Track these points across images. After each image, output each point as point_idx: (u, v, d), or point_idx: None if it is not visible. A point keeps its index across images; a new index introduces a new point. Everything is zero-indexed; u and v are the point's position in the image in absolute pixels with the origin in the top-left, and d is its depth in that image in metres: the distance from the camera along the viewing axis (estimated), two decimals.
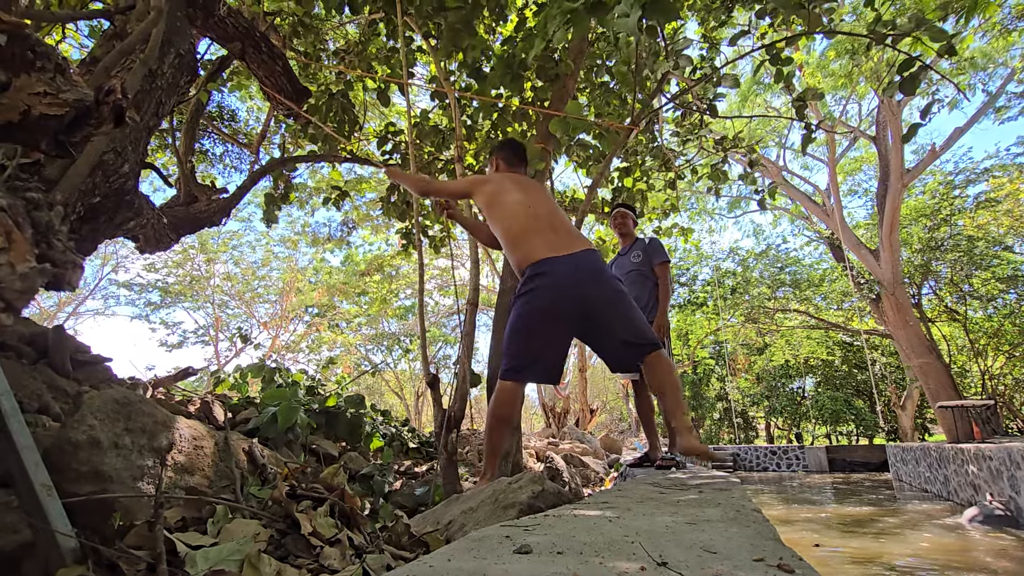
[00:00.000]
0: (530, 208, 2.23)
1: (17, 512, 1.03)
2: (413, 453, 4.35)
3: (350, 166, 9.26)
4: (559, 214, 2.27)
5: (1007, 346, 13.61)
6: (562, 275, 2.05)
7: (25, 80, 1.25)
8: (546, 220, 2.20)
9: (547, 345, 2.10)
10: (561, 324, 2.09)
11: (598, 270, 2.10)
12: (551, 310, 2.06)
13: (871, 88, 10.45)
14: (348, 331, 19.85)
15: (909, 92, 2.92)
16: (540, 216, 2.21)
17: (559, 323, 2.08)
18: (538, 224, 2.18)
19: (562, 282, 2.05)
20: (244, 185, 4.75)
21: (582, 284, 2.05)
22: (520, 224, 2.20)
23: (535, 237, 2.16)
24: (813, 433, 17.78)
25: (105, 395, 1.32)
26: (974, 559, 3.93)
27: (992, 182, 13.18)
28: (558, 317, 2.07)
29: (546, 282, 2.06)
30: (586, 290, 2.05)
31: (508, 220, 2.25)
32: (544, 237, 2.15)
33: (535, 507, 1.54)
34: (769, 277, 16.80)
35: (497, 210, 2.29)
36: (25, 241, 1.19)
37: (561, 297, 2.05)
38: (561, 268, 2.06)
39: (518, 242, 2.19)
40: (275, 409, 2.55)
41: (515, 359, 2.09)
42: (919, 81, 2.91)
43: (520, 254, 2.17)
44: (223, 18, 3.41)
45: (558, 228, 2.19)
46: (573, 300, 2.05)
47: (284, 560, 1.21)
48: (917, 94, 11.78)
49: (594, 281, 2.07)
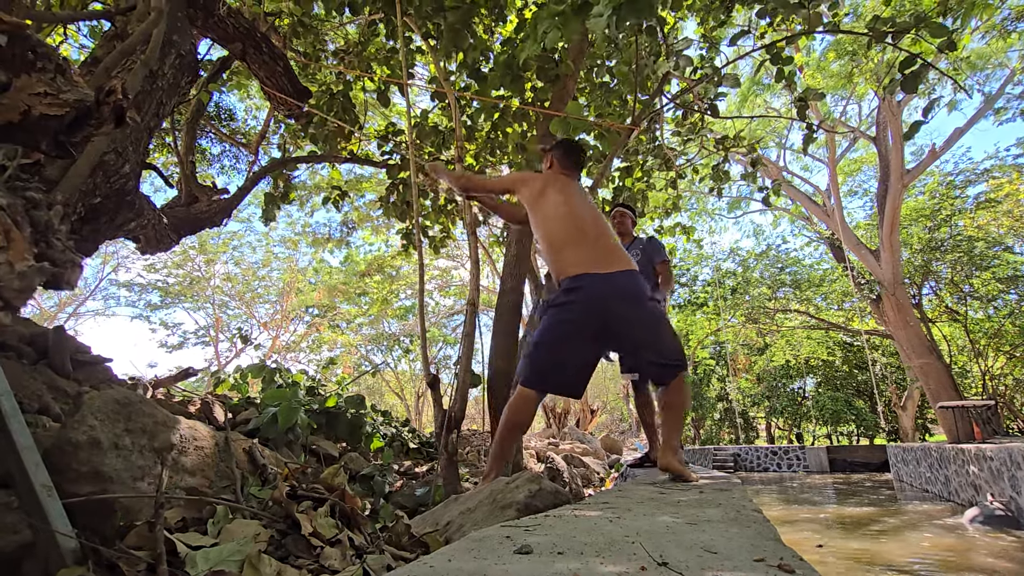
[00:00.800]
0: (574, 216, 2.16)
1: (17, 512, 1.03)
2: (413, 453, 4.35)
3: (350, 166, 9.26)
4: (603, 226, 2.20)
5: (1007, 346, 13.61)
6: (596, 294, 2.02)
7: (26, 80, 1.25)
8: (589, 232, 2.14)
9: (573, 360, 2.07)
10: (590, 341, 2.07)
11: (635, 293, 2.06)
12: (581, 327, 2.04)
13: (871, 89, 10.44)
14: (348, 332, 19.87)
15: (910, 90, 2.91)
16: (583, 227, 2.14)
17: (587, 340, 2.06)
18: (580, 235, 2.13)
19: (595, 301, 2.02)
20: (245, 186, 4.76)
21: (615, 305, 2.02)
22: (562, 232, 2.15)
23: (575, 248, 2.11)
24: (814, 433, 17.78)
25: (105, 395, 1.32)
26: (975, 559, 3.93)
27: (992, 183, 13.18)
28: (587, 335, 2.05)
29: (580, 298, 2.03)
30: (619, 311, 2.02)
31: (550, 225, 2.19)
32: (584, 250, 2.09)
33: (532, 506, 1.54)
34: (769, 277, 16.80)
35: (540, 212, 2.23)
36: (24, 240, 1.19)
37: (592, 316, 2.02)
38: (596, 287, 2.02)
39: (557, 250, 2.14)
40: (275, 409, 2.55)
41: (540, 369, 2.07)
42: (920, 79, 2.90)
43: (558, 264, 2.13)
44: (223, 18, 3.41)
45: (599, 242, 2.13)
46: (604, 319, 2.03)
47: (284, 560, 1.21)
48: (917, 94, 11.80)
49: (628, 303, 2.04)
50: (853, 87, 10.64)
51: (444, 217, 5.81)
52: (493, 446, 2.18)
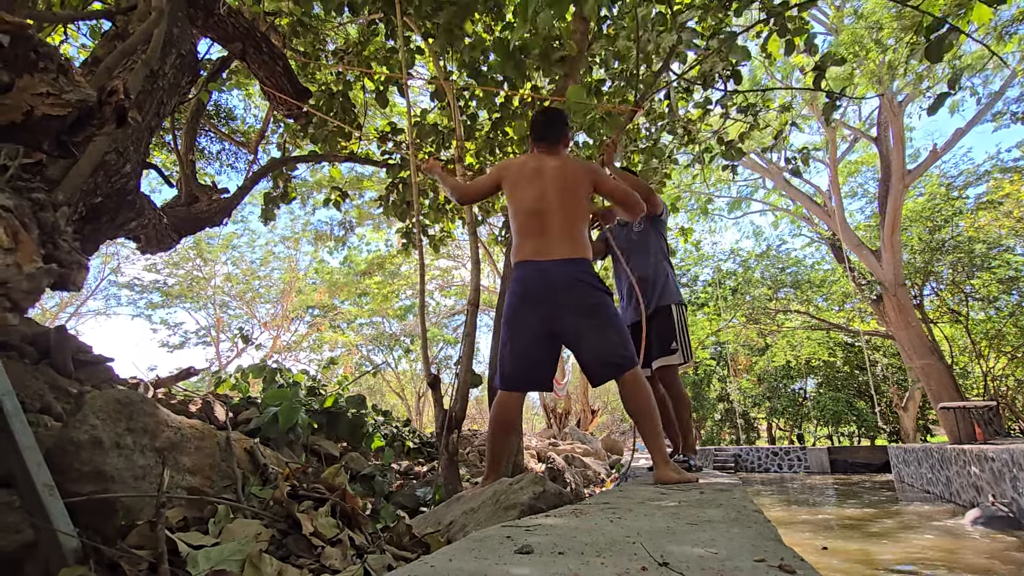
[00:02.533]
0: (534, 202, 2.14)
1: (19, 512, 1.03)
2: (414, 453, 4.35)
3: (350, 164, 9.26)
4: (561, 211, 2.12)
5: (1009, 347, 13.59)
6: (533, 280, 2.04)
7: (28, 81, 1.25)
8: (543, 218, 2.11)
9: (533, 351, 2.06)
10: (536, 329, 2.05)
11: (572, 280, 2.02)
12: (526, 317, 2.04)
13: (872, 90, 10.42)
14: (349, 332, 19.88)
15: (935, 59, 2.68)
16: (540, 212, 2.12)
17: (533, 328, 2.05)
18: (534, 222, 2.12)
19: (531, 288, 2.03)
20: (245, 185, 4.76)
21: (550, 292, 2.02)
22: (521, 219, 2.16)
23: (527, 236, 2.12)
24: (815, 434, 17.76)
25: (107, 395, 1.33)
26: (976, 561, 3.92)
27: (992, 184, 13.17)
28: (535, 324, 2.04)
29: (517, 288, 2.07)
30: (554, 298, 2.01)
31: (514, 212, 2.19)
32: (533, 238, 2.10)
33: (536, 508, 1.54)
34: (770, 278, 16.79)
35: (511, 201, 2.22)
36: (32, 242, 1.20)
37: (529, 302, 2.04)
38: (533, 274, 2.04)
39: (516, 237, 2.17)
40: (276, 409, 2.55)
41: (508, 368, 2.08)
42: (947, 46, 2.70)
43: (514, 251, 2.17)
44: (223, 18, 3.42)
45: (549, 229, 2.10)
46: (541, 307, 2.02)
47: (285, 560, 1.21)
48: (919, 94, 11.78)
49: (564, 290, 2.01)
50: (854, 88, 10.62)
51: (444, 217, 5.81)
52: (487, 449, 2.18)
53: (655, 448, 2.05)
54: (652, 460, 2.09)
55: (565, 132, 2.34)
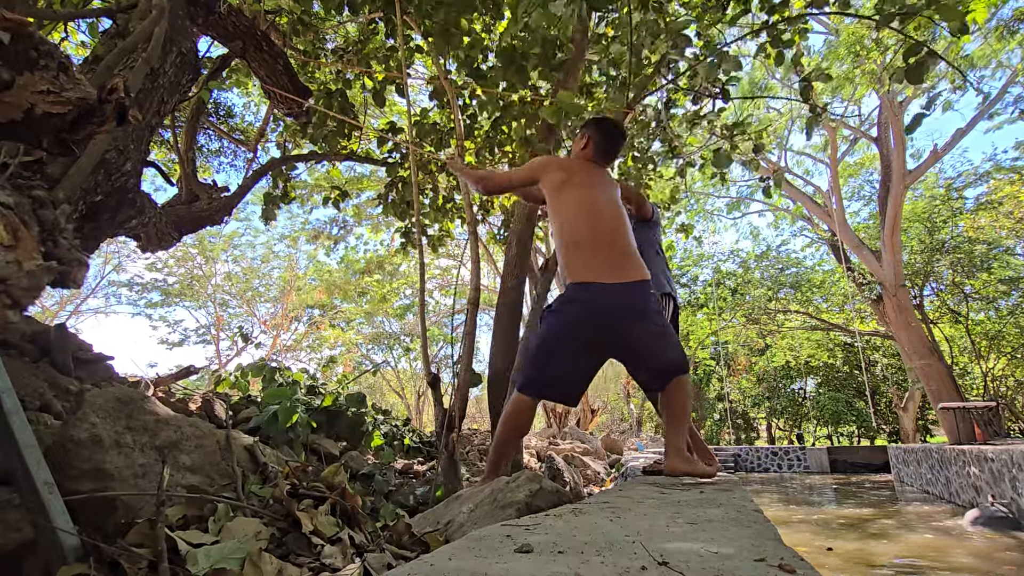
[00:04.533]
0: (593, 213, 2.01)
1: (19, 510, 1.03)
2: (414, 452, 4.35)
3: (349, 164, 9.26)
4: (624, 228, 2.05)
5: (1009, 348, 13.60)
6: (601, 305, 1.91)
7: (28, 78, 1.25)
8: (607, 234, 1.99)
9: (572, 368, 1.99)
10: (590, 351, 1.99)
11: (643, 309, 1.95)
12: (580, 337, 1.95)
13: (872, 89, 10.42)
14: (349, 331, 19.88)
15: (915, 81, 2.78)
16: (602, 226, 1.99)
17: (587, 350, 1.98)
18: (598, 236, 1.98)
19: (599, 312, 1.92)
20: (245, 184, 4.76)
21: (620, 319, 1.93)
22: (578, 229, 1.99)
23: (589, 251, 1.97)
24: (814, 434, 17.77)
25: (107, 393, 1.33)
26: (975, 561, 3.93)
27: (991, 184, 13.17)
28: (587, 344, 1.96)
29: (582, 309, 1.93)
30: (623, 325, 1.94)
31: (568, 219, 2.03)
32: (598, 255, 1.96)
33: (533, 506, 1.54)
34: (769, 278, 16.79)
35: (561, 203, 2.05)
36: (32, 239, 1.20)
37: (594, 327, 1.93)
38: (603, 298, 1.91)
39: (569, 249, 2.00)
40: (276, 408, 2.55)
41: (537, 376, 1.98)
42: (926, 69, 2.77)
43: (569, 265, 2.00)
44: (224, 17, 3.41)
45: (615, 246, 1.99)
46: (606, 331, 1.94)
47: (285, 558, 1.21)
48: (919, 94, 11.77)
49: (635, 319, 1.94)
50: (854, 88, 10.62)
51: (443, 216, 5.80)
52: (491, 451, 2.12)
53: (677, 440, 2.02)
54: (668, 449, 2.05)
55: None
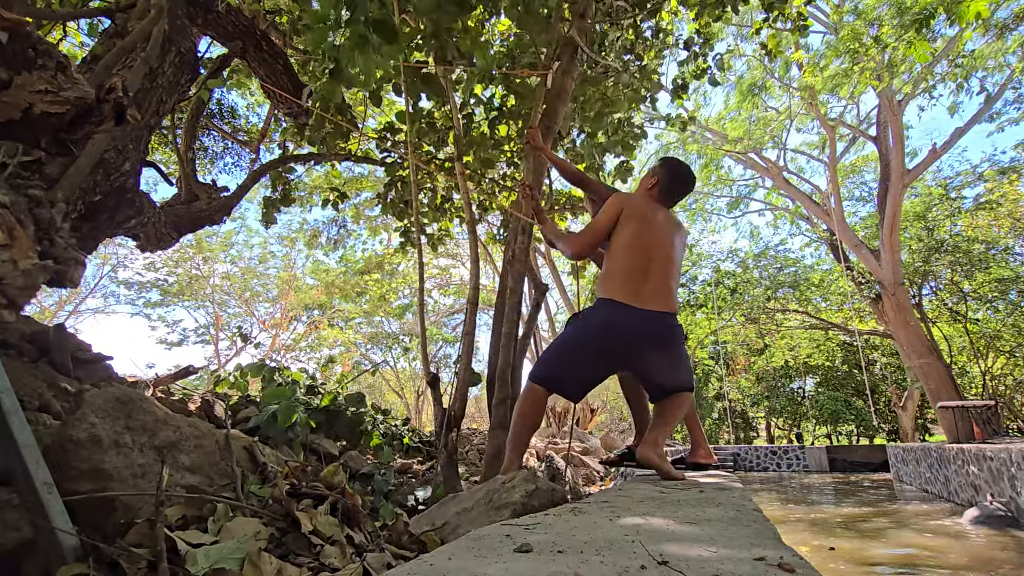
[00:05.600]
0: (645, 246, 2.15)
1: (18, 510, 1.03)
2: (413, 452, 4.35)
3: (348, 165, 9.25)
4: (670, 267, 2.19)
5: (1007, 347, 13.61)
6: (625, 325, 2.07)
7: (26, 78, 1.25)
8: (650, 264, 2.14)
9: (588, 373, 2.16)
10: (605, 360, 2.16)
11: (663, 337, 2.11)
12: (599, 349, 2.11)
13: (871, 86, 10.40)
14: (348, 330, 19.88)
15: None
16: (648, 256, 2.14)
17: (603, 359, 2.15)
18: (641, 264, 2.13)
19: (621, 332, 2.07)
20: (245, 184, 4.76)
21: (641, 342, 2.08)
22: (626, 256, 2.15)
23: (630, 277, 2.12)
24: (813, 433, 17.79)
25: (106, 393, 1.32)
26: (974, 559, 3.93)
27: (990, 185, 13.19)
28: (603, 355, 2.13)
29: (606, 325, 2.09)
30: (641, 348, 2.09)
31: (619, 245, 2.18)
32: (636, 280, 2.11)
33: (529, 506, 1.53)
34: (768, 278, 16.80)
35: (618, 233, 2.20)
36: (27, 238, 1.19)
37: (614, 343, 2.09)
38: (628, 320, 2.06)
39: (612, 271, 2.16)
40: (275, 408, 2.55)
41: (556, 373, 2.15)
42: None
43: (605, 284, 2.16)
44: (223, 16, 3.41)
45: (655, 277, 2.13)
46: (625, 349, 2.10)
47: (285, 558, 1.21)
48: (917, 94, 11.80)
49: (654, 346, 2.10)
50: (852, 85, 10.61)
51: (442, 216, 5.80)
52: (508, 444, 2.21)
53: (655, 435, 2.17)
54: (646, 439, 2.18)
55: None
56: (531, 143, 2.92)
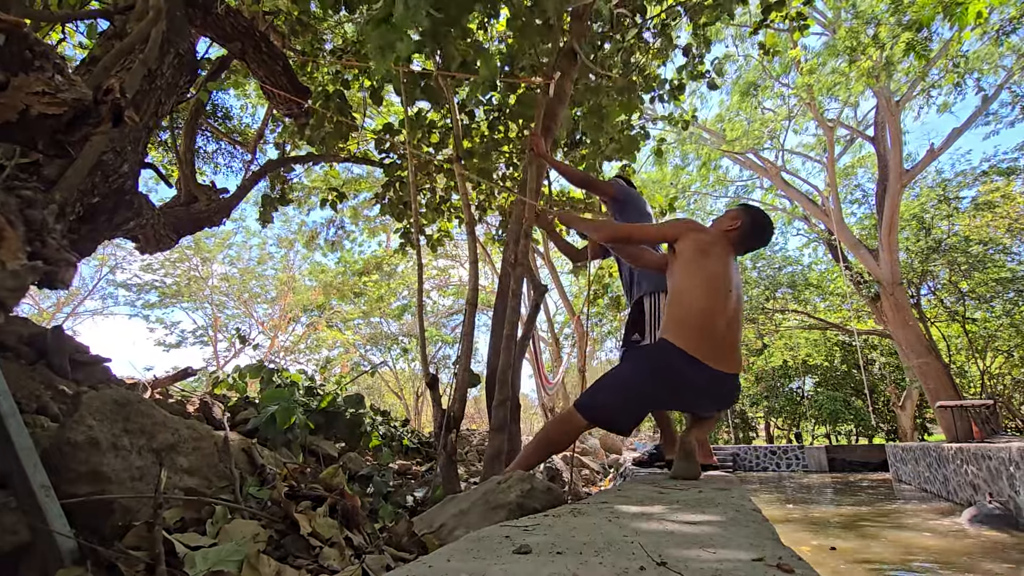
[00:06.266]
0: (725, 296, 2.07)
1: (15, 513, 1.02)
2: (413, 453, 4.35)
3: (346, 166, 9.25)
4: (740, 320, 2.17)
5: (1006, 346, 13.63)
6: (697, 383, 2.02)
7: (24, 79, 1.25)
8: (728, 321, 2.06)
9: (636, 411, 2.14)
10: (659, 403, 2.25)
11: (724, 394, 2.11)
12: (657, 396, 2.12)
13: (868, 86, 10.42)
14: (346, 331, 19.86)
15: None
16: (727, 310, 2.06)
17: (657, 403, 2.23)
18: (719, 319, 2.03)
19: (686, 387, 2.05)
20: (244, 185, 4.75)
21: (701, 395, 2.09)
22: (708, 310, 2.03)
23: (706, 331, 2.02)
24: (812, 433, 17.79)
25: (104, 395, 1.32)
26: (973, 559, 3.94)
27: (988, 185, 13.21)
28: (657, 400, 2.18)
29: (680, 379, 2.02)
30: (700, 399, 2.12)
31: (699, 289, 2.06)
32: (714, 336, 2.02)
33: (526, 506, 1.53)
34: (767, 278, 16.82)
35: (698, 269, 2.09)
36: (17, 239, 1.19)
37: (671, 392, 2.08)
38: (697, 378, 2.01)
39: (690, 319, 2.04)
40: (274, 409, 2.55)
41: (605, 411, 2.08)
42: None
43: (681, 329, 2.04)
44: (222, 17, 3.41)
45: (730, 334, 2.08)
46: (681, 395, 2.10)
47: (284, 561, 1.21)
48: (915, 94, 11.82)
49: (713, 399, 2.13)
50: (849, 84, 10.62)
51: (441, 216, 5.79)
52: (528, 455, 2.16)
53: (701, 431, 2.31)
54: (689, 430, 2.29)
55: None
56: (534, 150, 2.93)
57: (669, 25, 4.16)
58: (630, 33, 4.16)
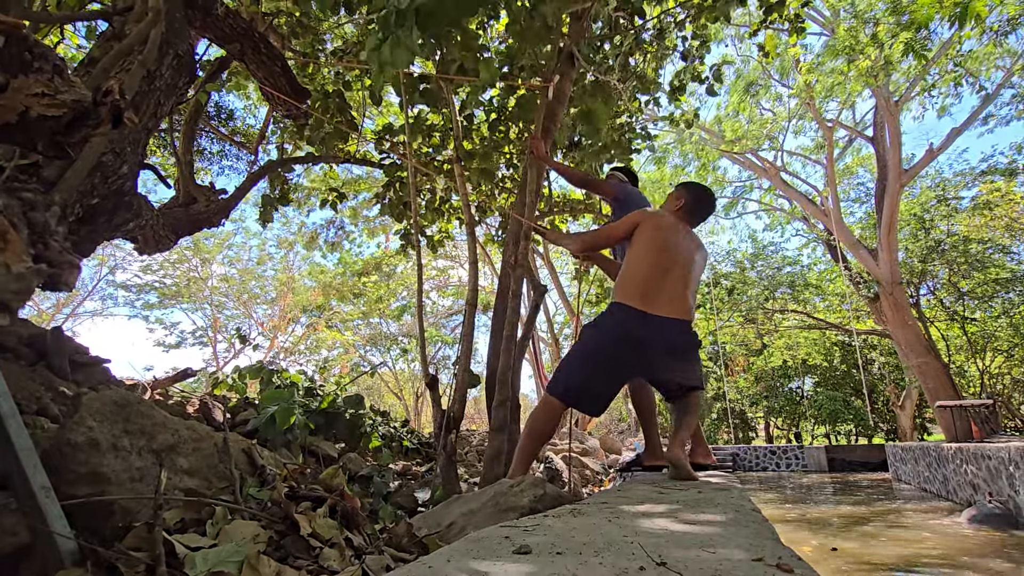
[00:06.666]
0: (662, 252, 2.18)
1: (16, 514, 1.02)
2: (412, 454, 4.35)
3: (346, 167, 9.25)
4: (685, 276, 2.21)
5: (1005, 346, 13.64)
6: (634, 330, 2.07)
7: (23, 81, 1.25)
8: (669, 277, 2.15)
9: (604, 382, 2.15)
10: (623, 370, 2.16)
11: (676, 343, 2.11)
12: (609, 355, 2.11)
13: (867, 84, 10.42)
14: (346, 332, 19.85)
15: None
16: (668, 273, 2.16)
17: (617, 365, 2.14)
18: (659, 276, 2.14)
19: (631, 336, 2.08)
20: (243, 186, 4.75)
21: (649, 346, 2.08)
22: (646, 269, 2.16)
23: (646, 284, 2.13)
24: (812, 433, 17.79)
25: (104, 396, 1.32)
26: (972, 558, 3.94)
27: (986, 186, 13.22)
28: (616, 362, 2.13)
29: (614, 328, 2.11)
30: (650, 352, 2.10)
31: (640, 256, 2.21)
32: (651, 289, 2.12)
33: (537, 511, 1.53)
34: (766, 278, 16.82)
35: (646, 240, 2.23)
36: (21, 242, 1.19)
37: (624, 349, 2.09)
38: (634, 323, 2.07)
39: (630, 278, 2.18)
40: (274, 410, 2.55)
41: (573, 385, 2.14)
42: None
43: (623, 288, 2.17)
44: (221, 19, 3.40)
45: (665, 285, 2.14)
46: (634, 353, 2.10)
47: (283, 561, 1.21)
48: (913, 96, 11.84)
49: (666, 352, 2.11)
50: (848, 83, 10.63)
51: (441, 217, 5.80)
52: (517, 454, 2.21)
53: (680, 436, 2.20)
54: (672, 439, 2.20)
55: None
56: (534, 152, 2.95)
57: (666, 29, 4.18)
58: (629, 37, 4.17)
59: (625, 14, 4.08)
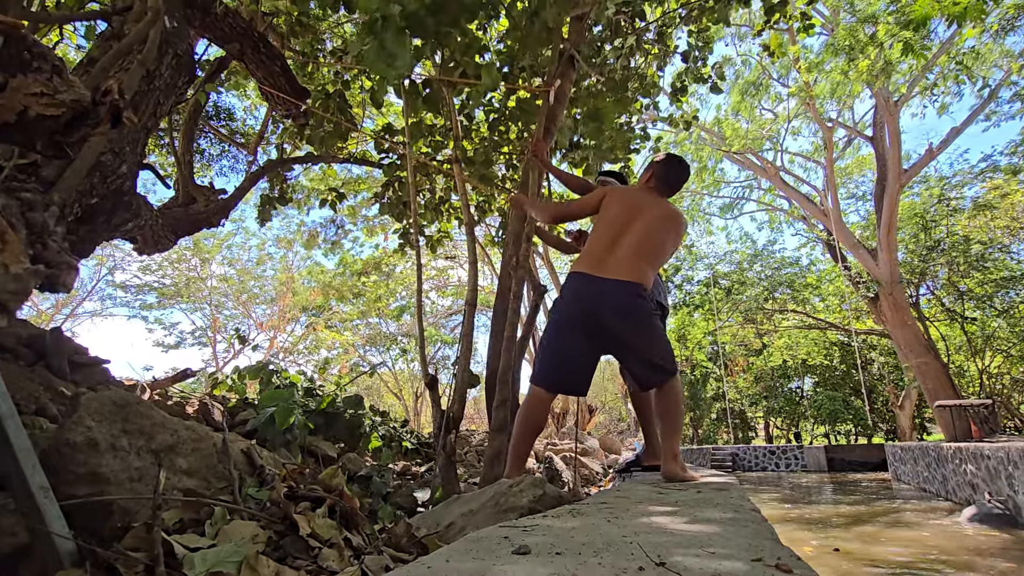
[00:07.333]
0: (623, 228, 2.19)
1: (14, 514, 1.02)
2: (412, 454, 4.35)
3: (346, 166, 9.24)
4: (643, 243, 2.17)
5: (1004, 345, 13.64)
6: (584, 294, 2.10)
7: (22, 81, 1.25)
8: (622, 242, 2.15)
9: (574, 354, 2.14)
10: (584, 339, 2.13)
11: (626, 306, 2.08)
12: (572, 324, 2.12)
13: (867, 84, 10.42)
14: (346, 332, 19.84)
15: None
16: (621, 238, 2.17)
17: (582, 338, 2.12)
18: (611, 242, 2.16)
19: (582, 301, 2.10)
20: (242, 186, 4.75)
21: (603, 311, 2.07)
22: (600, 238, 2.20)
23: (597, 250, 2.16)
24: (812, 433, 17.80)
25: (102, 396, 1.32)
26: (972, 558, 3.94)
27: (987, 184, 13.22)
28: (579, 332, 2.12)
29: (568, 296, 2.15)
30: (603, 316, 2.08)
31: (597, 229, 2.25)
32: (602, 256, 2.14)
33: (536, 512, 1.53)
34: (765, 279, 16.83)
35: (608, 214, 2.26)
36: (19, 242, 1.19)
37: (581, 314, 2.10)
38: (583, 288, 2.10)
39: (586, 249, 2.23)
40: (273, 410, 2.55)
41: (546, 365, 2.16)
42: None
43: (579, 259, 2.22)
44: (221, 18, 3.40)
45: (618, 251, 2.14)
46: (590, 319, 2.09)
47: (283, 561, 1.21)
48: (914, 95, 11.84)
49: (618, 315, 2.08)
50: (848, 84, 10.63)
51: (440, 217, 5.79)
52: (510, 450, 2.21)
53: (674, 446, 2.14)
54: (666, 454, 2.15)
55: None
56: (536, 156, 2.95)
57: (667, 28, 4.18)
58: (629, 38, 4.18)
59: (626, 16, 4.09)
